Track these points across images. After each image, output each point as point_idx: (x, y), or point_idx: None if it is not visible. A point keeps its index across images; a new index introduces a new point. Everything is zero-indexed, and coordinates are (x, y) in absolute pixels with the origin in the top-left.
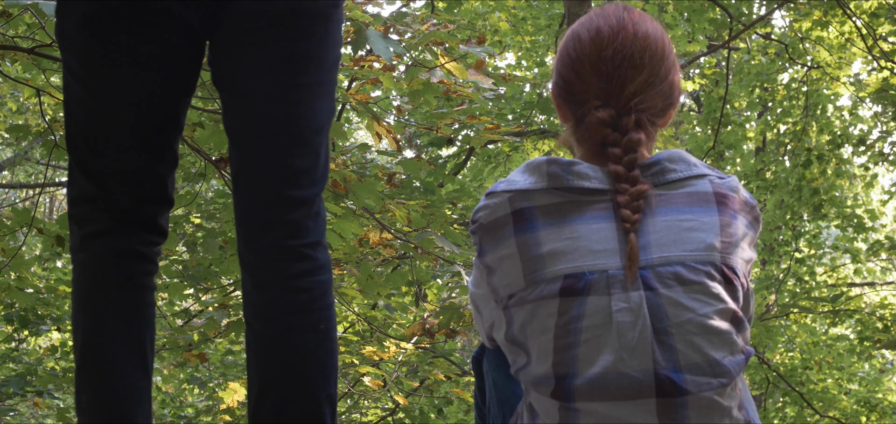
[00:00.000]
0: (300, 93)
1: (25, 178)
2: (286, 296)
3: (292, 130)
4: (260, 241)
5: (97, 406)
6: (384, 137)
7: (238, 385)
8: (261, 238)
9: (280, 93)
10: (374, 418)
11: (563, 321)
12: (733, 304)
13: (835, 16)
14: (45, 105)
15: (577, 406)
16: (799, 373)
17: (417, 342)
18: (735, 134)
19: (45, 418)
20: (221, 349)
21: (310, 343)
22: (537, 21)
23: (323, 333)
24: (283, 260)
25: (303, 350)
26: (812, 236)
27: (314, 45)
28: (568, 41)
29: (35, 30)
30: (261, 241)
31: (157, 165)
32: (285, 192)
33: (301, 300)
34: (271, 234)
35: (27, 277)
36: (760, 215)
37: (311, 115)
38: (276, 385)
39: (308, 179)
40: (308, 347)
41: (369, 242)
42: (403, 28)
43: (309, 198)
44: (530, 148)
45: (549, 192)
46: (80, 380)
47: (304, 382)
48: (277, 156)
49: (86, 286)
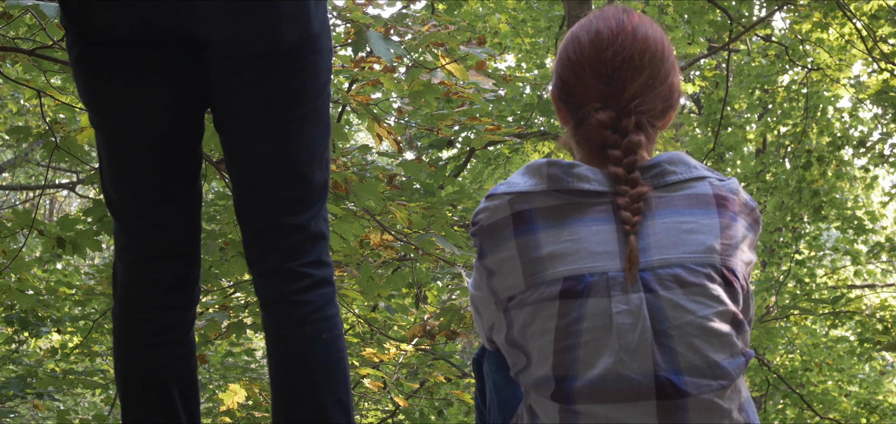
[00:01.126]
0: (286, 128)
1: (26, 180)
2: (288, 310)
3: (281, 165)
4: (262, 266)
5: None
6: (385, 138)
7: (238, 386)
8: (262, 264)
9: (266, 131)
10: (375, 420)
11: (563, 324)
12: (733, 306)
13: (835, 18)
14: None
15: (577, 408)
16: (799, 375)
17: (418, 343)
18: (735, 136)
19: (46, 420)
20: (222, 351)
21: (313, 352)
22: (537, 23)
23: (325, 342)
24: (283, 281)
25: (308, 359)
26: (812, 238)
27: (296, 81)
28: (567, 43)
29: (35, 31)
30: (262, 266)
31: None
32: (278, 221)
33: (302, 313)
34: (270, 259)
35: (27, 279)
36: (760, 217)
37: (300, 147)
38: (286, 392)
39: (301, 206)
40: (312, 356)
41: (370, 243)
42: (404, 30)
43: (303, 223)
44: (530, 150)
45: (549, 194)
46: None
47: (310, 390)
48: (268, 189)
49: (118, 347)
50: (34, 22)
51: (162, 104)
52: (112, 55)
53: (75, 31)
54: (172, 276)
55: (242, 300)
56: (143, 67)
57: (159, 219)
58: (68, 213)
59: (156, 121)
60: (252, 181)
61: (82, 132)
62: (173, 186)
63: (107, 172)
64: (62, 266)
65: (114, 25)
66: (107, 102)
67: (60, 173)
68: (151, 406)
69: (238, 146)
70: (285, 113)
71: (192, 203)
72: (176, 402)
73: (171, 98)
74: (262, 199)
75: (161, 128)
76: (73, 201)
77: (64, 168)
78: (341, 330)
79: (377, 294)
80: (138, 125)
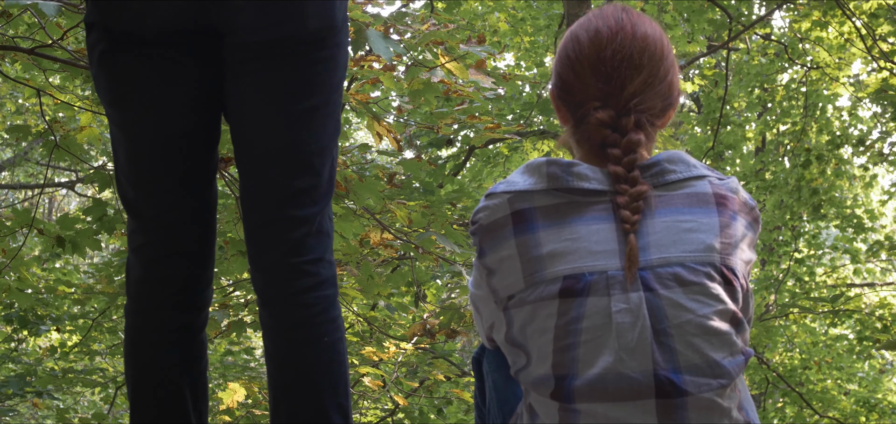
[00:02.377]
0: (300, 117)
1: (25, 178)
2: (290, 311)
3: (292, 153)
4: (264, 260)
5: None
6: (384, 137)
7: (237, 385)
8: (265, 258)
9: (279, 118)
10: (374, 418)
11: (563, 322)
12: (733, 305)
13: (834, 16)
14: (45, 105)
15: (577, 406)
16: (798, 373)
17: (417, 342)
18: (734, 134)
19: (45, 418)
20: (221, 350)
21: (315, 355)
22: (536, 21)
23: (328, 345)
24: (286, 278)
25: (308, 362)
26: (811, 237)
27: (314, 70)
28: (567, 42)
29: (35, 30)
30: (265, 260)
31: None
32: (286, 212)
33: (304, 315)
34: (274, 253)
35: (27, 277)
36: (760, 216)
37: (312, 138)
38: (287, 394)
39: (309, 199)
40: (313, 358)
41: (370, 242)
42: (403, 28)
43: (310, 216)
44: (530, 149)
45: (548, 193)
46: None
47: (311, 391)
48: (277, 178)
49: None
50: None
51: (183, 104)
52: (135, 54)
53: (102, 25)
54: (186, 276)
55: (242, 299)
56: (166, 67)
57: (176, 218)
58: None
59: (176, 120)
60: (261, 168)
61: (82, 131)
62: (190, 185)
63: (124, 169)
64: (61, 265)
65: (142, 16)
66: (129, 101)
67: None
68: (161, 405)
69: (249, 132)
70: (301, 101)
71: (208, 204)
72: (186, 401)
73: (192, 98)
74: (270, 187)
75: (181, 127)
76: (72, 199)
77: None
78: (343, 333)
79: (377, 293)
80: (159, 124)
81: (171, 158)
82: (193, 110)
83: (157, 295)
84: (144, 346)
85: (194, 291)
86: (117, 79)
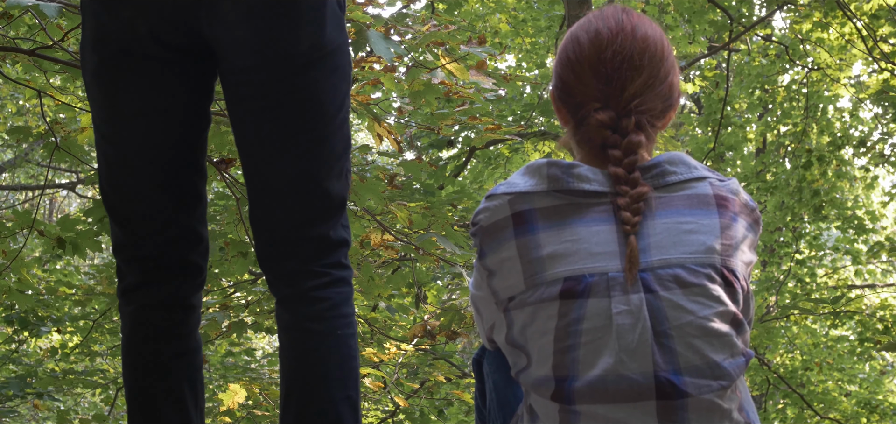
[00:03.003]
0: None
1: (26, 180)
2: (305, 305)
3: (301, 183)
4: (279, 269)
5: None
6: (385, 138)
7: (238, 386)
8: (280, 267)
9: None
10: (375, 419)
11: (563, 324)
12: (733, 306)
13: (835, 17)
14: (46, 107)
15: (577, 408)
16: (799, 375)
17: (418, 343)
18: (735, 136)
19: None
20: (222, 351)
21: (327, 348)
22: (537, 23)
23: (340, 338)
24: (302, 279)
25: (320, 354)
26: (812, 238)
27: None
28: (567, 44)
29: (36, 31)
30: (280, 269)
31: (180, 207)
32: (298, 233)
33: (319, 309)
34: (289, 263)
35: (27, 279)
36: (761, 218)
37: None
38: (298, 386)
39: (320, 219)
40: (325, 351)
41: (371, 243)
42: (404, 29)
43: (322, 234)
44: (530, 150)
45: (549, 194)
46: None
47: (322, 383)
48: (287, 206)
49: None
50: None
51: (173, 117)
52: (128, 67)
53: (94, 37)
54: (176, 281)
55: (242, 300)
56: (157, 79)
57: (162, 225)
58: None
59: (165, 131)
60: (270, 198)
61: (82, 132)
62: (178, 193)
63: (106, 175)
64: (62, 266)
65: (133, 27)
66: (119, 112)
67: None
68: (158, 404)
69: (257, 165)
70: (304, 133)
71: (197, 209)
72: (184, 401)
73: (182, 110)
74: (281, 214)
75: (170, 138)
76: (72, 201)
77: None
78: (355, 329)
79: (377, 294)
80: (148, 135)
81: (159, 168)
82: (182, 124)
83: (147, 299)
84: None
85: (185, 294)
86: (110, 91)
